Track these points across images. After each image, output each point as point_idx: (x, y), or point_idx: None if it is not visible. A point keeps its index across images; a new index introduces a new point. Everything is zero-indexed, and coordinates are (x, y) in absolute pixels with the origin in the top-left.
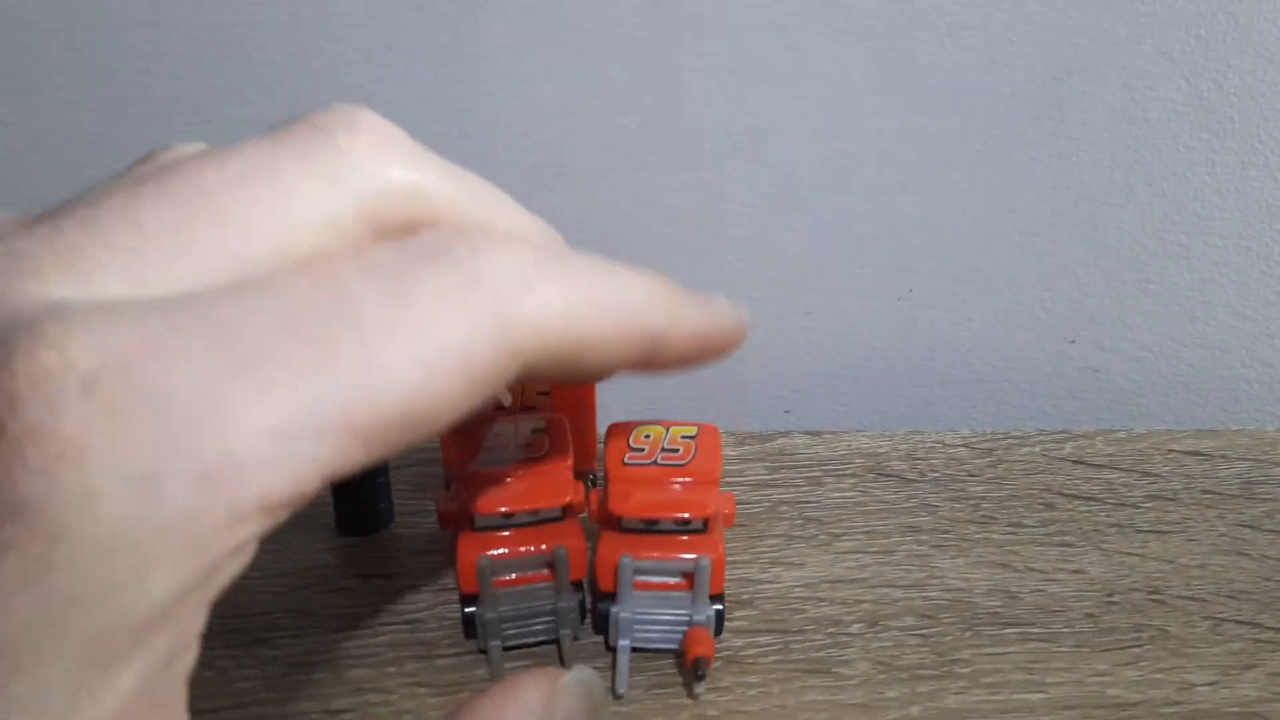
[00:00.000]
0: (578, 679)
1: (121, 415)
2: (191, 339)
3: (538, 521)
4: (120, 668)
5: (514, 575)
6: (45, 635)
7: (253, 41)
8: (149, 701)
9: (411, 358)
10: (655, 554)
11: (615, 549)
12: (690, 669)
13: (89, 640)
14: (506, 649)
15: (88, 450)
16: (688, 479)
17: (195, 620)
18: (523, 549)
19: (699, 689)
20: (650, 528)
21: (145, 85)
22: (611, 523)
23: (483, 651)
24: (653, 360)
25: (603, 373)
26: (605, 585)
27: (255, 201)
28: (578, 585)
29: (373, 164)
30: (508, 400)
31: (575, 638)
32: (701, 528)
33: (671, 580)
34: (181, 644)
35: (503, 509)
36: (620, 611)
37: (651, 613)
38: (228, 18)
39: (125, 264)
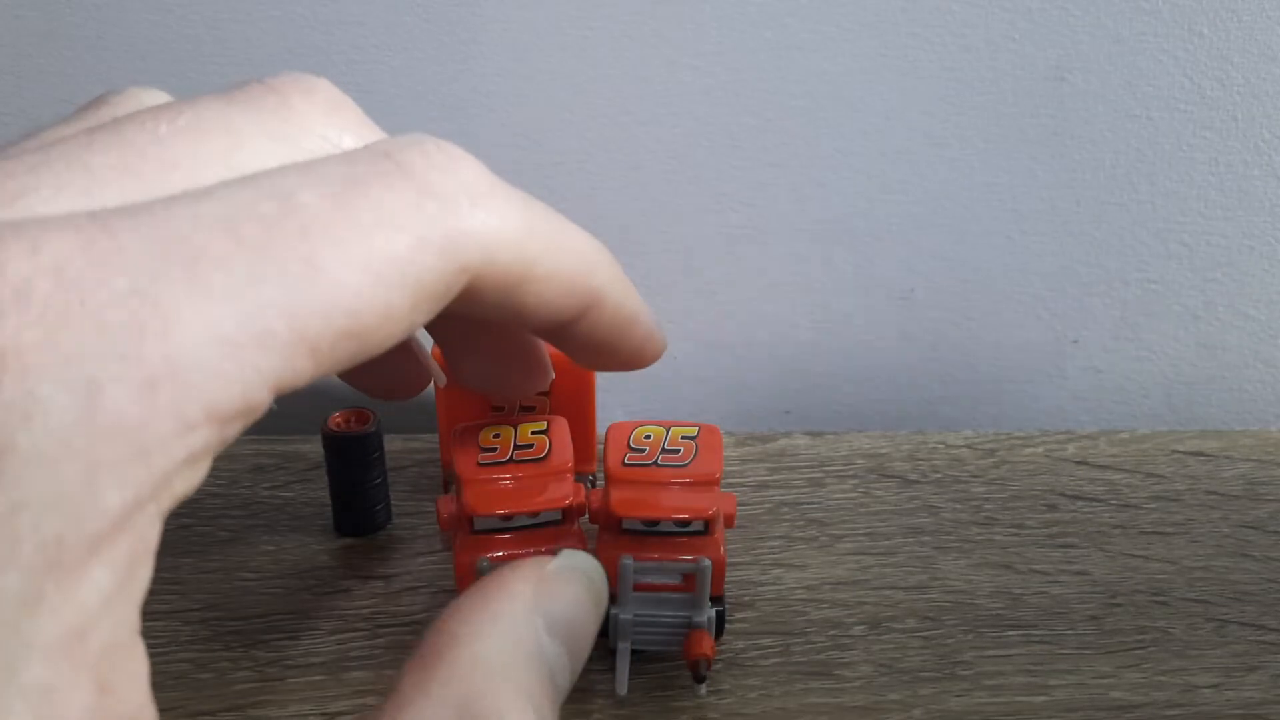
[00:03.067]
0: (568, 563)
1: (59, 322)
2: (130, 244)
3: (537, 524)
4: (76, 579)
5: None
6: None
7: (250, 41)
8: (108, 616)
9: (359, 265)
10: (656, 556)
11: (615, 551)
12: (691, 671)
13: (42, 550)
14: None
15: (27, 358)
16: (688, 480)
17: (149, 533)
18: (522, 552)
19: (700, 691)
20: (651, 529)
21: (142, 84)
22: (611, 524)
23: None
24: (583, 321)
25: (539, 315)
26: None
27: (205, 152)
28: None
29: (325, 127)
30: (443, 380)
31: None
32: (703, 529)
33: (672, 582)
34: (136, 558)
35: (502, 511)
36: (620, 613)
37: (652, 615)
38: (225, 16)
39: (71, 200)
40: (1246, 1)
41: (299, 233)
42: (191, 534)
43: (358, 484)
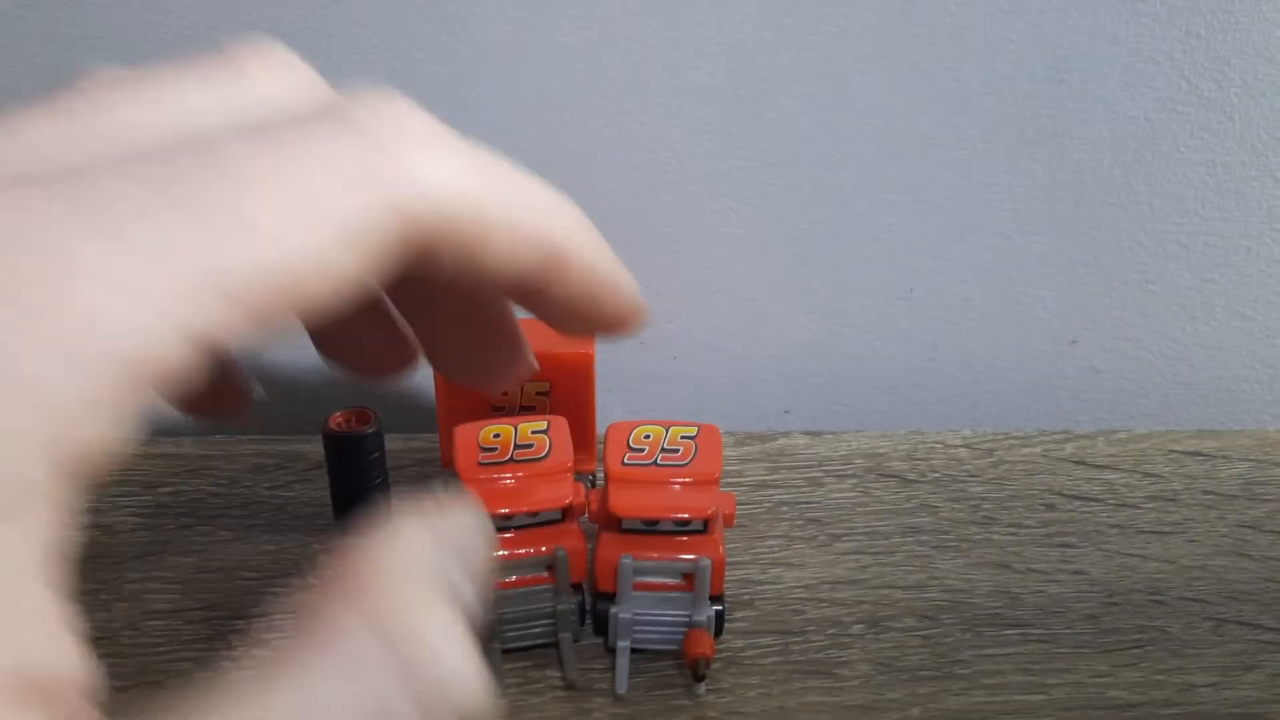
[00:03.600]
0: (449, 503)
1: None
2: (49, 200)
3: (537, 523)
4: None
5: (514, 577)
6: None
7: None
8: (16, 579)
9: (293, 217)
10: (655, 555)
11: (615, 550)
12: (690, 670)
13: None
14: (506, 651)
15: None
16: (688, 479)
17: (67, 495)
18: (522, 551)
19: (699, 689)
20: (650, 528)
21: None
22: (611, 523)
23: (483, 654)
24: (551, 282)
25: (502, 276)
26: (605, 586)
27: (150, 118)
28: (578, 587)
29: (279, 91)
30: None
31: (575, 640)
32: (702, 528)
33: (671, 581)
34: (51, 521)
35: (502, 511)
36: (620, 612)
37: (651, 613)
38: (224, 16)
39: (7, 170)
40: (1243, 3)
41: (229, 186)
42: (193, 534)
43: (358, 484)
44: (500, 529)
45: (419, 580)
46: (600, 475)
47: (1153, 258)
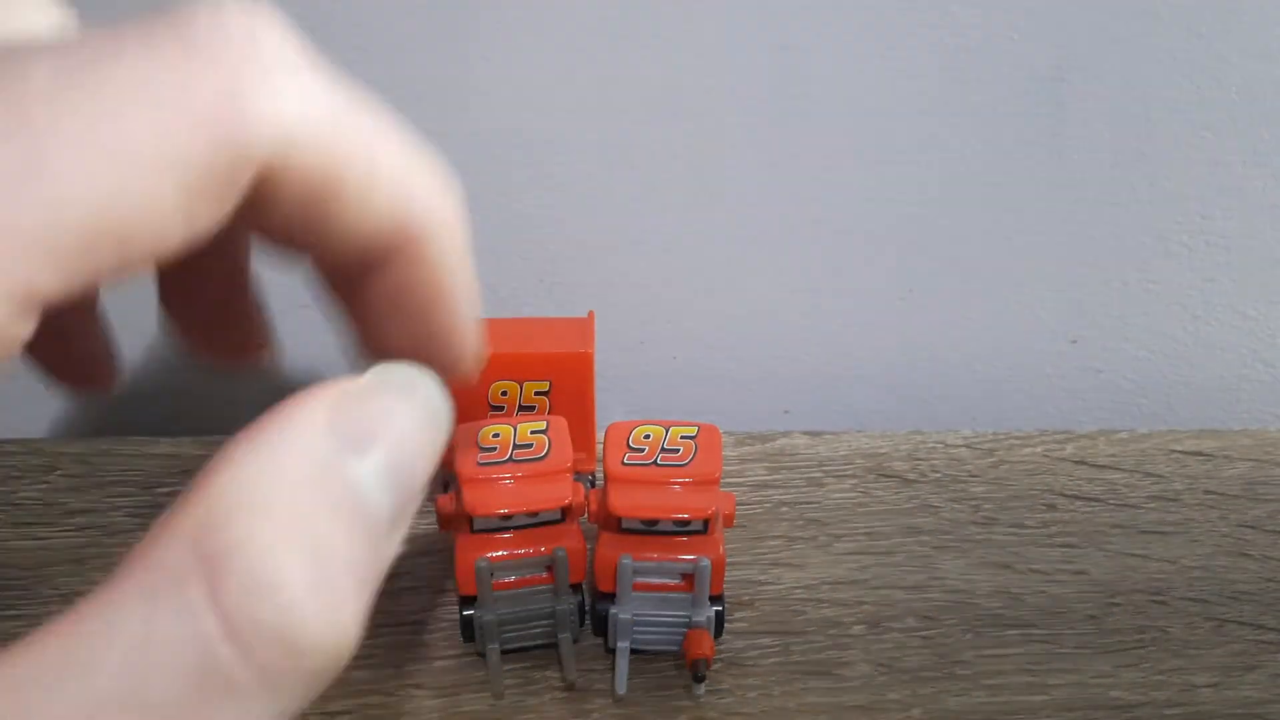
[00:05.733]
0: (382, 378)
1: None
2: None
3: (537, 524)
4: None
5: (513, 577)
6: None
7: None
8: None
9: (102, 150)
10: (655, 555)
11: (615, 550)
12: (690, 670)
13: None
14: (505, 651)
15: None
16: (687, 479)
17: None
18: (522, 551)
19: (699, 690)
20: (650, 529)
21: None
22: (611, 524)
23: (481, 655)
24: (393, 265)
25: (343, 240)
26: (605, 586)
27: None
28: (577, 588)
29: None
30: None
31: (575, 640)
32: (701, 529)
33: (671, 581)
34: None
35: (502, 511)
36: (620, 613)
37: (651, 614)
38: None
39: None
40: (1245, 2)
41: (19, 117)
42: None
43: None
44: (499, 529)
45: (278, 485)
46: (600, 475)
47: (1154, 257)
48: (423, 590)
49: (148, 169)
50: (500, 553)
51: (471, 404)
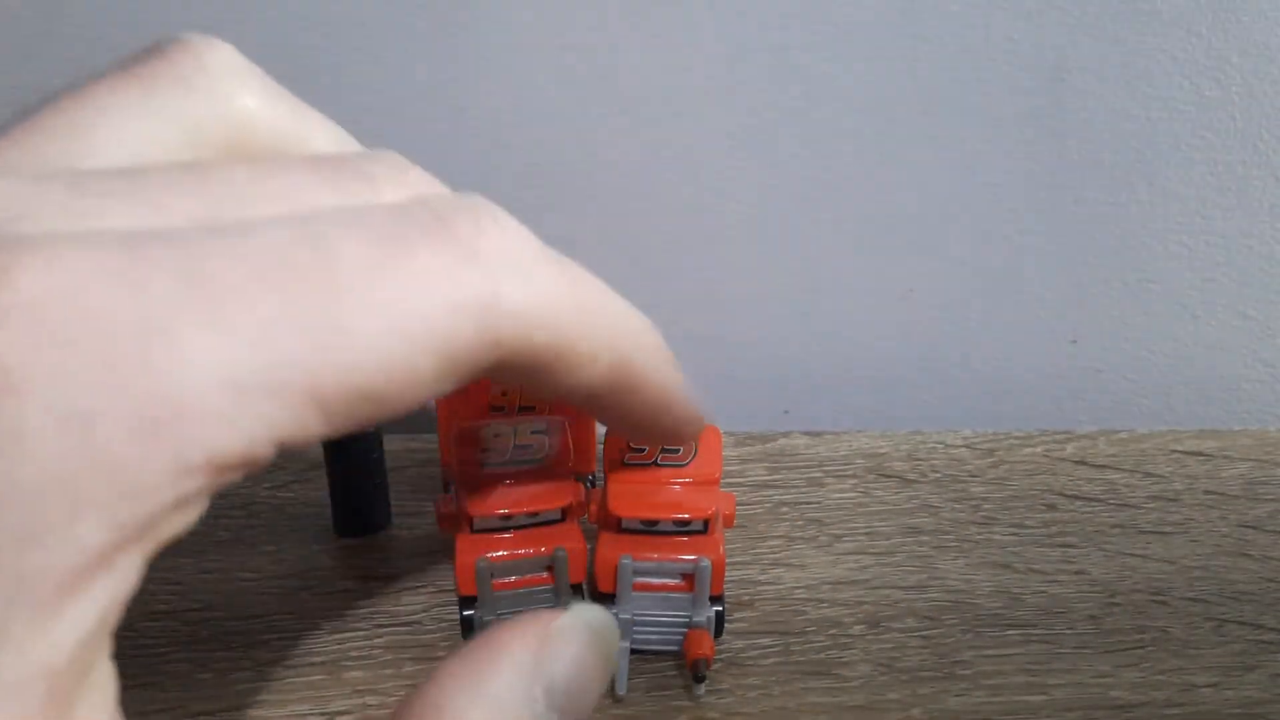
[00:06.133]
0: (579, 619)
1: (65, 347)
2: (154, 273)
3: (537, 524)
4: (49, 617)
5: (513, 578)
6: None
7: (249, 40)
8: (79, 655)
9: (388, 327)
10: (655, 555)
11: (615, 550)
12: (690, 670)
13: (15, 582)
14: None
15: (26, 382)
16: (687, 479)
17: (131, 575)
18: (522, 551)
19: (699, 690)
20: (650, 529)
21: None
22: (611, 524)
23: None
24: (614, 402)
25: (568, 392)
26: (605, 586)
27: (279, 208)
28: (577, 588)
29: (392, 199)
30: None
31: None
32: (702, 529)
33: (671, 582)
34: (114, 599)
35: (502, 511)
36: (620, 613)
37: (651, 614)
38: (223, 16)
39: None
40: (1245, 2)
41: (330, 285)
42: (191, 534)
43: (358, 484)
44: (499, 529)
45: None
46: (600, 475)
47: (1154, 257)
48: (422, 590)
49: (421, 348)
50: (500, 553)
51: (471, 404)
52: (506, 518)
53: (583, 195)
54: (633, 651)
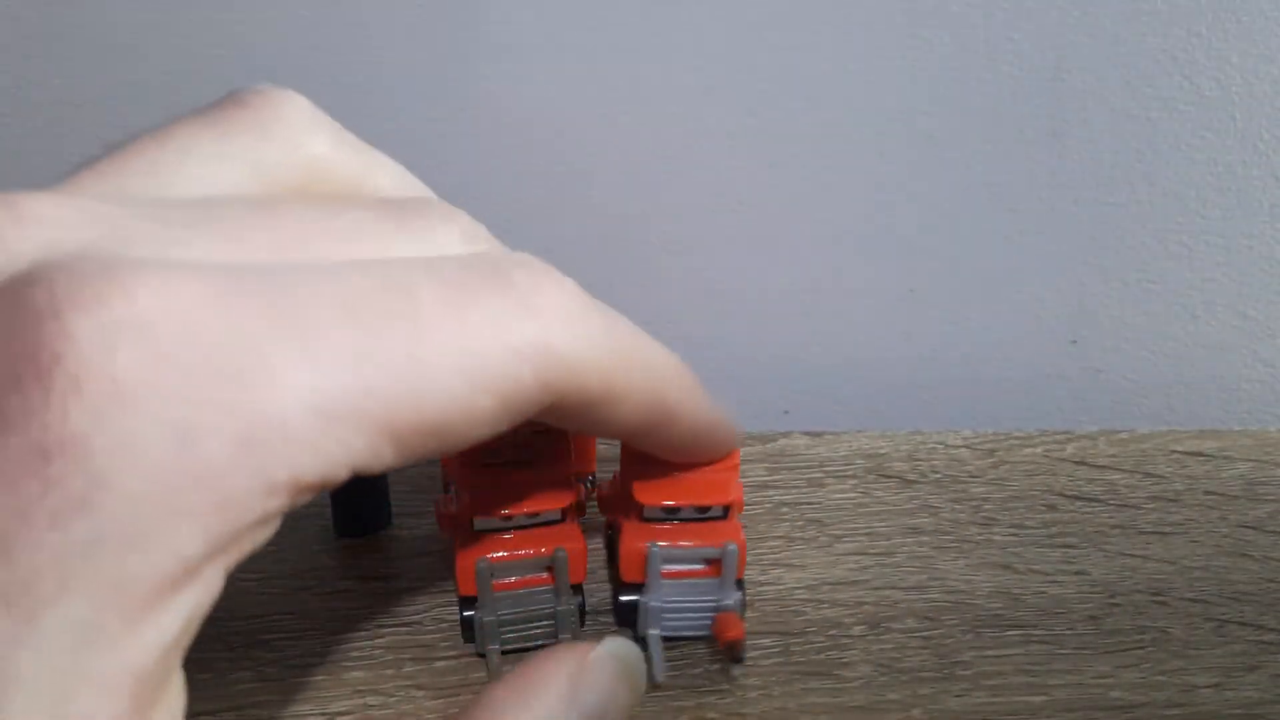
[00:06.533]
0: (611, 652)
1: (172, 364)
2: (253, 302)
3: (537, 524)
4: (141, 619)
5: (513, 578)
6: (73, 573)
7: (250, 40)
8: (163, 658)
9: (459, 367)
10: (682, 541)
11: (640, 538)
12: (727, 654)
13: (114, 585)
14: (505, 652)
15: (136, 396)
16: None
17: (214, 585)
18: (522, 552)
19: (736, 671)
20: (671, 516)
21: (141, 85)
22: (632, 512)
23: (481, 655)
24: (653, 434)
25: (610, 429)
26: (632, 576)
27: (348, 252)
28: (578, 588)
29: (456, 248)
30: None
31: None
32: (723, 514)
33: (698, 568)
34: (199, 607)
35: (502, 512)
36: (650, 600)
37: (679, 601)
38: (225, 16)
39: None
40: (1246, 2)
41: (409, 326)
42: None
43: (358, 484)
44: (499, 530)
45: None
46: (597, 475)
47: (1154, 257)
48: (422, 590)
49: (484, 389)
50: (500, 553)
51: None
52: (507, 518)
53: (582, 196)
54: (663, 639)
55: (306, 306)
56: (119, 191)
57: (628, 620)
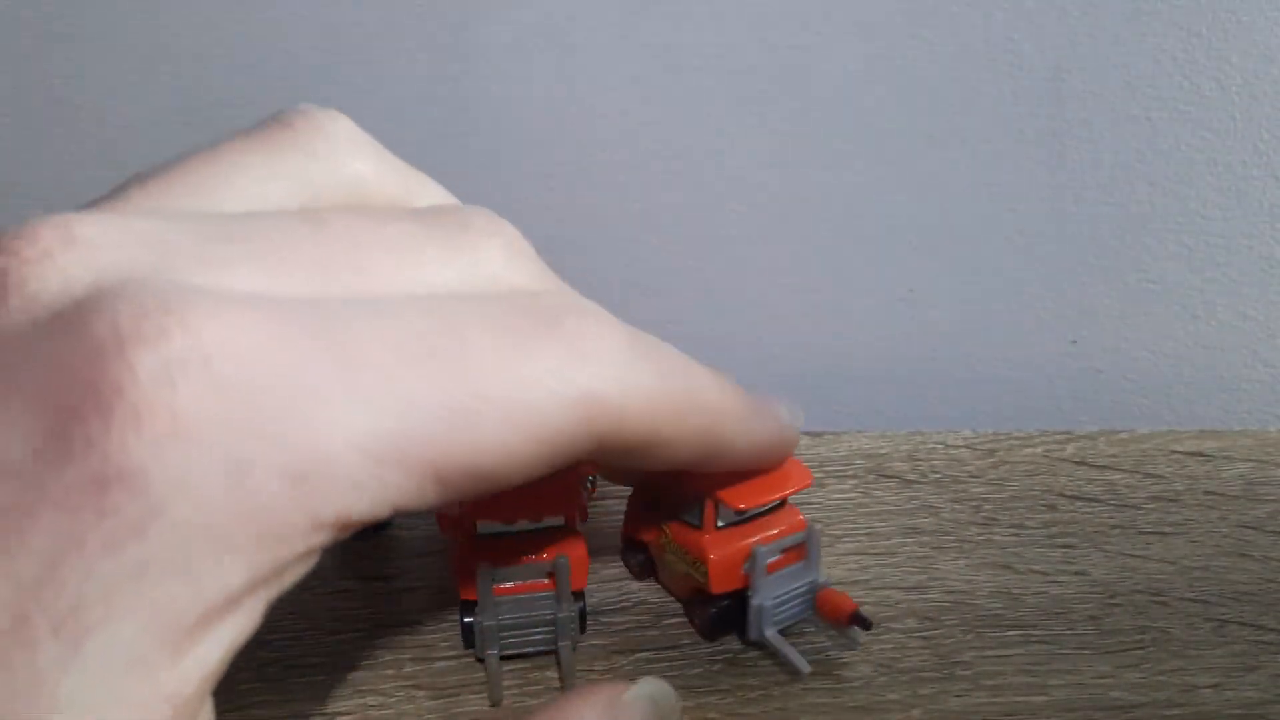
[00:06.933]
0: (643, 693)
1: (229, 399)
2: (311, 340)
3: (540, 529)
4: (183, 648)
5: (514, 583)
6: (121, 600)
7: (248, 40)
8: (199, 687)
9: (507, 415)
10: (774, 534)
11: (729, 546)
12: (853, 623)
13: (160, 612)
14: (504, 658)
15: (194, 430)
16: None
17: (254, 615)
18: (523, 558)
19: (864, 638)
20: (741, 517)
21: (143, 85)
22: (708, 522)
23: (481, 660)
24: (703, 466)
25: (658, 468)
26: (732, 584)
27: (393, 265)
28: (579, 594)
29: (503, 270)
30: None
31: (574, 648)
32: (781, 502)
33: (783, 557)
34: (238, 637)
35: (504, 517)
36: (763, 601)
37: (782, 594)
38: (226, 17)
39: (262, 281)
40: (1245, 3)
41: (460, 371)
42: None
43: None
44: (501, 535)
45: None
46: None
47: (1154, 258)
48: (423, 590)
49: (529, 436)
50: (501, 558)
51: None
52: (508, 523)
53: (581, 196)
54: (780, 633)
55: (360, 346)
56: (168, 208)
57: (736, 627)
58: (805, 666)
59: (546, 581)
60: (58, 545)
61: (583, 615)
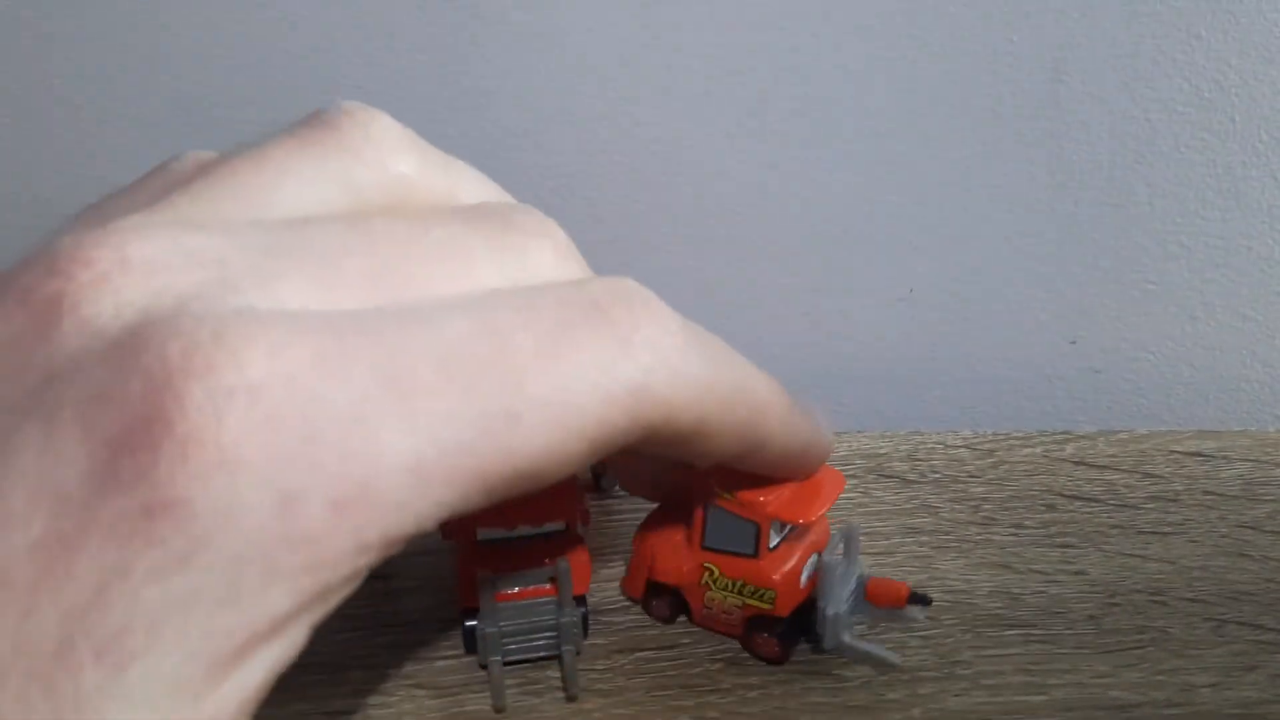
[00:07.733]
0: None
1: (276, 430)
2: (355, 363)
3: (541, 534)
4: (225, 675)
5: (516, 589)
6: (165, 627)
7: (253, 41)
8: (239, 712)
9: (555, 418)
10: (825, 541)
11: (786, 562)
12: (915, 602)
13: (204, 640)
14: (508, 664)
15: (241, 461)
16: None
17: (298, 639)
18: (525, 564)
19: (923, 615)
20: (782, 535)
21: (145, 85)
22: (764, 546)
23: (483, 666)
24: (743, 461)
25: (700, 459)
26: (797, 601)
27: (442, 272)
28: (581, 600)
29: (553, 272)
30: None
31: (577, 653)
32: None
33: (837, 557)
34: (281, 661)
35: (504, 523)
36: (839, 609)
37: (846, 593)
38: (227, 18)
39: (315, 295)
40: (1244, 4)
41: (505, 378)
42: None
43: None
44: (503, 541)
45: None
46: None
47: (1153, 258)
48: (423, 590)
49: (577, 435)
50: (503, 565)
51: None
52: (509, 529)
53: (582, 197)
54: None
55: (406, 362)
56: (216, 216)
57: (807, 632)
58: (897, 660)
59: (549, 587)
60: (105, 572)
61: (585, 620)
